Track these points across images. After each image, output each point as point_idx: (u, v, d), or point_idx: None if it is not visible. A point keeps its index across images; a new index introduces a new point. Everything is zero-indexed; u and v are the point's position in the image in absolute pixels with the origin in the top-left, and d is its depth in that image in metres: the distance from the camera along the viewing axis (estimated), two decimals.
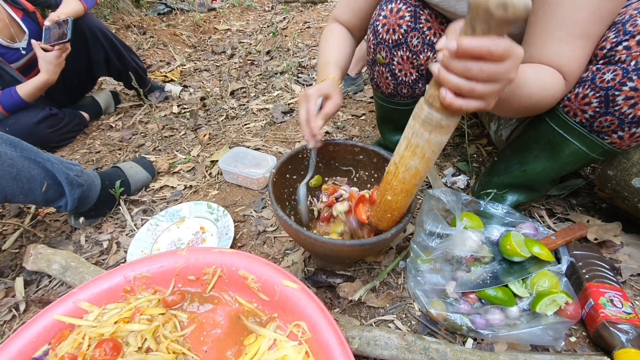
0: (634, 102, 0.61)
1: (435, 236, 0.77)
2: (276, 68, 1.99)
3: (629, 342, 0.61)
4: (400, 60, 0.87)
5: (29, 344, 0.54)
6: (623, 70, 0.60)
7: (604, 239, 0.84)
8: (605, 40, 0.63)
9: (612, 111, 0.64)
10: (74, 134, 1.45)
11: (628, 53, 0.60)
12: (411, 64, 0.87)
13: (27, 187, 0.82)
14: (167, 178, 1.18)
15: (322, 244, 0.64)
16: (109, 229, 1.00)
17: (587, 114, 0.67)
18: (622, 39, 0.60)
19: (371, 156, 0.85)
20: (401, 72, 0.89)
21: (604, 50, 0.63)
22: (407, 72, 0.89)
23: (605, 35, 0.63)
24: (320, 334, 0.53)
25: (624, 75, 0.60)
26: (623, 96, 0.61)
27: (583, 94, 0.66)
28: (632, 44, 0.59)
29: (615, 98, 0.62)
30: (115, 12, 2.73)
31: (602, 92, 0.63)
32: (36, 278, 0.86)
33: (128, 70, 1.53)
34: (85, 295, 0.59)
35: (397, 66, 0.88)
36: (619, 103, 0.62)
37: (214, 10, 3.06)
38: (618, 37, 0.61)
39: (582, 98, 0.66)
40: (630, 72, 0.60)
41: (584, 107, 0.67)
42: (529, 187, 0.88)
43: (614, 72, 0.62)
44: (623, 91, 0.61)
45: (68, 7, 1.27)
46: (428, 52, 0.85)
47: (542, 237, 0.77)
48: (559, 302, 0.65)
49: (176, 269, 0.63)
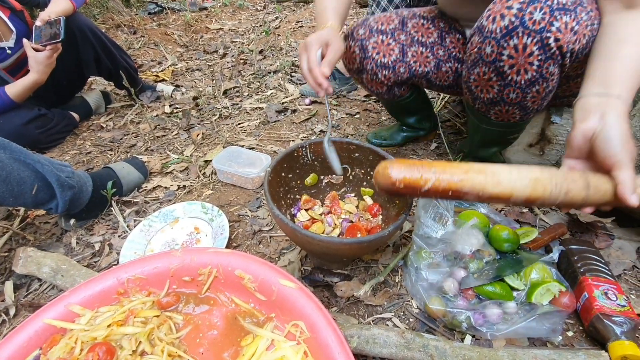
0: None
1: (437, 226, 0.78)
2: (269, 67, 1.98)
3: (623, 334, 0.61)
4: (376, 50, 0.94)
5: (19, 349, 0.52)
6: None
7: (594, 219, 0.86)
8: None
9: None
10: (63, 135, 1.42)
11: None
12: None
13: (17, 189, 0.80)
14: (160, 178, 1.17)
15: (319, 242, 0.63)
16: (101, 231, 0.98)
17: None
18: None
19: (367, 154, 0.85)
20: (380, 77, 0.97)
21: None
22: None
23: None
24: (318, 333, 0.52)
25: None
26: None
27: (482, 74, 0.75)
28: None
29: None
30: (104, 11, 2.69)
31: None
32: (26, 282, 0.84)
33: (119, 69, 1.51)
34: (77, 299, 0.58)
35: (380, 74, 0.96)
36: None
37: (206, 9, 3.04)
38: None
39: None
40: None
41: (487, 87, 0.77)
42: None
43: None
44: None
45: (57, 6, 1.25)
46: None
47: (534, 236, 0.79)
48: (553, 291, 0.66)
49: (171, 270, 0.62)
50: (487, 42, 0.70)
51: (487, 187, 0.48)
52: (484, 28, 0.70)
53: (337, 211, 0.87)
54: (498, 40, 0.68)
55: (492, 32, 0.68)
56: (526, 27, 0.64)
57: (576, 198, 0.47)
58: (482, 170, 0.49)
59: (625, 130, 0.48)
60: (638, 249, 0.83)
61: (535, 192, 0.47)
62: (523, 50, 0.66)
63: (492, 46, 0.69)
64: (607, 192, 0.48)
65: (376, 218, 0.84)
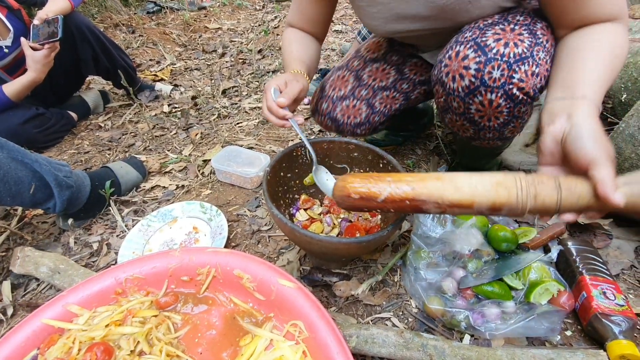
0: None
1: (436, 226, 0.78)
2: (268, 67, 1.98)
3: (621, 333, 0.61)
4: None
5: (17, 349, 0.52)
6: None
7: (592, 220, 0.86)
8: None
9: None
10: (61, 134, 1.42)
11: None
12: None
13: (15, 189, 0.79)
14: (158, 178, 1.16)
15: (318, 242, 0.63)
16: (99, 231, 0.97)
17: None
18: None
19: (366, 153, 0.85)
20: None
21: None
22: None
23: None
24: (317, 332, 0.52)
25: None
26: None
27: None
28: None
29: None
30: (103, 10, 2.69)
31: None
32: (24, 281, 0.84)
33: (117, 69, 1.50)
34: (75, 298, 0.58)
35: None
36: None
37: (204, 9, 3.03)
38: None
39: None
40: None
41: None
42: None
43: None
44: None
45: (55, 5, 1.24)
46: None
47: (533, 236, 0.79)
48: (551, 290, 0.67)
49: (169, 270, 0.62)
50: (451, 98, 0.70)
51: (446, 193, 0.46)
52: (445, 84, 0.70)
53: (336, 211, 0.87)
54: (462, 98, 0.68)
55: (455, 90, 0.68)
56: (488, 86, 0.64)
57: (549, 202, 0.44)
58: (440, 177, 0.48)
59: (596, 128, 0.46)
60: (636, 249, 0.83)
61: (500, 198, 0.45)
62: (489, 104, 0.66)
63: (458, 102, 0.70)
64: (584, 193, 0.43)
65: (375, 218, 0.84)
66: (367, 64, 0.95)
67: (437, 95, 0.75)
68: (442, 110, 0.77)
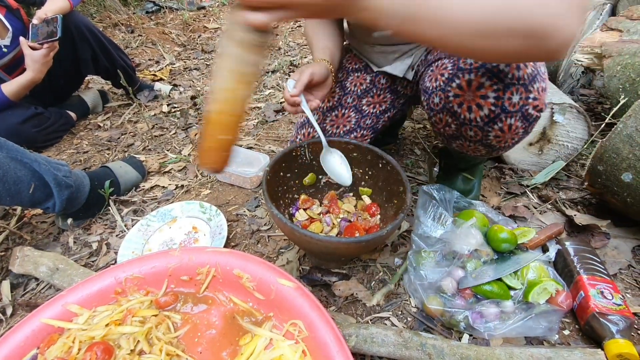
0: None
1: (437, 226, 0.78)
2: (267, 67, 1.98)
3: (618, 332, 0.62)
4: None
5: (16, 348, 0.52)
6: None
7: (589, 222, 0.87)
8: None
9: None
10: (60, 134, 1.41)
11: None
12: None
13: (14, 189, 0.79)
14: (157, 178, 1.16)
15: (317, 242, 0.63)
16: (99, 230, 0.97)
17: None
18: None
19: (365, 153, 0.85)
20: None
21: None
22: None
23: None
24: (317, 332, 0.52)
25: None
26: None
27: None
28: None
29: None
30: (102, 10, 2.68)
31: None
32: (23, 281, 0.84)
33: (116, 68, 1.50)
34: (75, 298, 0.58)
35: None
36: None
37: (204, 8, 3.03)
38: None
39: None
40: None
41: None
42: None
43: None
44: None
45: (54, 5, 1.24)
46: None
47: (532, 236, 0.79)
48: (549, 290, 0.67)
49: (169, 270, 0.62)
50: (467, 128, 0.69)
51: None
52: (457, 114, 0.68)
53: (336, 211, 0.87)
54: (482, 127, 0.67)
55: (472, 120, 0.67)
56: (508, 112, 0.63)
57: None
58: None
59: None
60: (634, 249, 0.84)
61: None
62: (509, 129, 0.66)
63: (475, 131, 0.69)
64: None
65: (374, 217, 0.84)
66: (348, 73, 0.97)
67: (442, 123, 0.73)
68: (449, 137, 0.76)
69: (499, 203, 0.99)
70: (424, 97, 0.75)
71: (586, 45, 1.26)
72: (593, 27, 1.39)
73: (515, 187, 1.04)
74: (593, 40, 1.26)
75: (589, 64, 1.27)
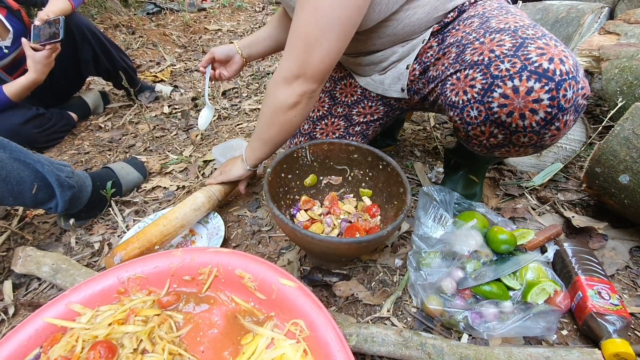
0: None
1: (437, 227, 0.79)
2: (268, 68, 1.99)
3: (615, 332, 0.62)
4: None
5: (19, 347, 0.52)
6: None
7: (587, 224, 0.87)
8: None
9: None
10: (61, 135, 1.42)
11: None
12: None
13: (17, 189, 0.80)
14: (159, 179, 1.17)
15: (318, 242, 0.64)
16: (100, 231, 0.98)
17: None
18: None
19: (366, 155, 0.86)
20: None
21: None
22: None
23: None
24: (318, 331, 0.52)
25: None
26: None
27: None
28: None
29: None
30: (103, 11, 2.69)
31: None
32: (25, 281, 0.84)
33: (117, 69, 1.51)
34: (78, 298, 0.58)
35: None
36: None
37: (204, 10, 3.04)
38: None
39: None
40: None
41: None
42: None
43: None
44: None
45: (55, 6, 1.25)
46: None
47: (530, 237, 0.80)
48: (548, 290, 0.68)
49: (171, 270, 0.62)
50: (520, 135, 0.66)
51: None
52: (507, 124, 0.64)
53: (336, 212, 0.87)
54: (538, 132, 0.64)
55: (527, 127, 0.63)
56: (564, 110, 0.60)
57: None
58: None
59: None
60: (631, 250, 0.85)
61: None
62: (564, 125, 0.63)
63: (530, 137, 0.65)
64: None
65: (375, 218, 0.85)
66: (336, 83, 0.99)
67: (485, 135, 0.69)
68: (492, 146, 0.71)
69: (498, 204, 1.00)
70: (452, 112, 0.71)
71: (584, 49, 1.27)
72: (591, 31, 1.40)
73: (514, 189, 1.05)
74: (591, 43, 1.27)
75: (587, 66, 1.28)
